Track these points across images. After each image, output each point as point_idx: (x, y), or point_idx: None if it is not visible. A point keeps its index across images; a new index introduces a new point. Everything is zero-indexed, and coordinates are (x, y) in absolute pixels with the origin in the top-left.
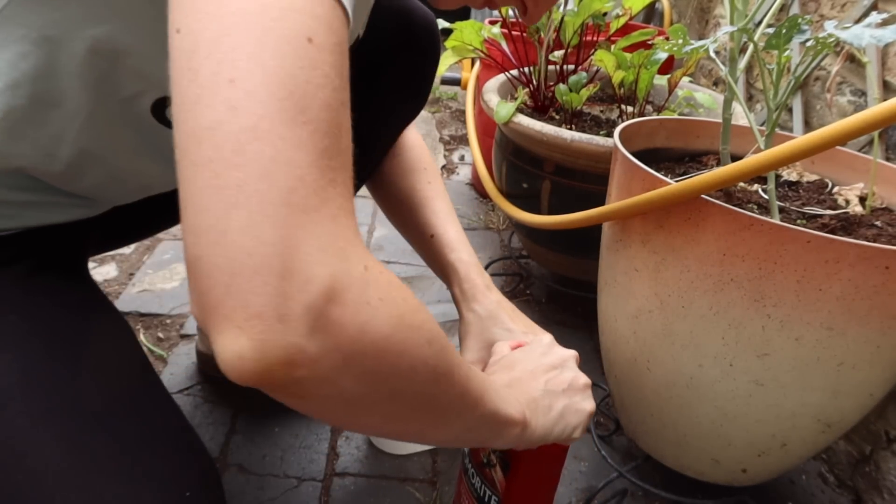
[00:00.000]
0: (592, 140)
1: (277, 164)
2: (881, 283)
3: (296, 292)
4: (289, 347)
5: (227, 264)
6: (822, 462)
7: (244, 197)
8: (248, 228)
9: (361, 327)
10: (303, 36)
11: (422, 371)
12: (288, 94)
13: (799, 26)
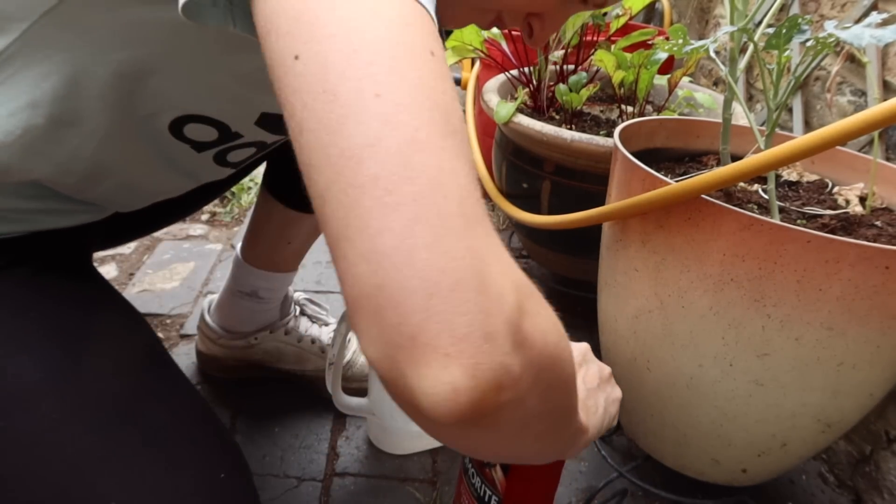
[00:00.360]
0: (592, 140)
1: (446, 175)
2: (881, 283)
3: (495, 308)
4: (497, 369)
5: (422, 285)
6: (822, 462)
7: (424, 211)
8: (436, 244)
9: (543, 338)
10: (426, 49)
11: (570, 379)
12: (434, 105)
13: (799, 26)
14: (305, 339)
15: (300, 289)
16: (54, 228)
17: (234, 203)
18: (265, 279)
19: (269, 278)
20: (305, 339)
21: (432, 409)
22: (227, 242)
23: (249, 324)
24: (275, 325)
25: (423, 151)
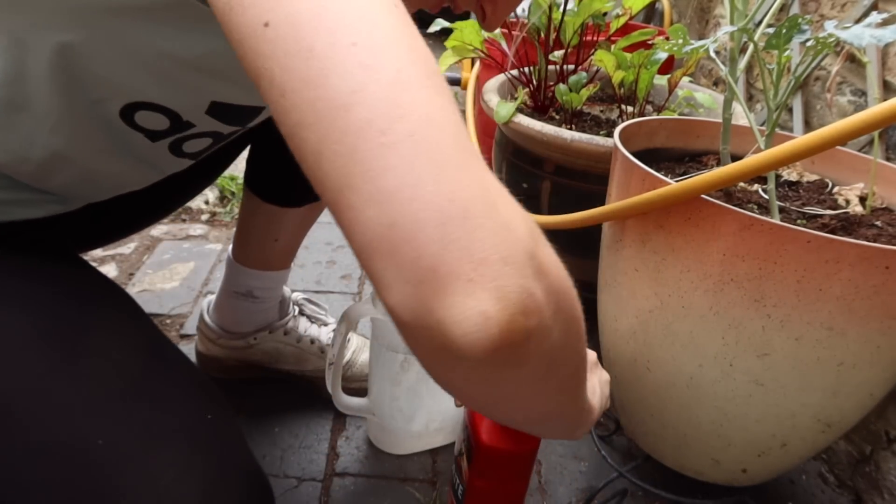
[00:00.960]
0: (592, 140)
1: (436, 109)
2: (881, 283)
3: (510, 233)
4: (521, 292)
5: (435, 216)
6: (822, 462)
7: (423, 146)
8: (441, 174)
9: (557, 268)
10: (391, 2)
11: (581, 317)
12: (410, 47)
13: (799, 26)
14: (305, 339)
15: (300, 289)
16: (29, 219)
17: (234, 203)
18: (258, 278)
19: (262, 277)
20: (305, 340)
21: (465, 340)
22: (227, 242)
23: (247, 324)
24: (273, 326)
25: (409, 90)
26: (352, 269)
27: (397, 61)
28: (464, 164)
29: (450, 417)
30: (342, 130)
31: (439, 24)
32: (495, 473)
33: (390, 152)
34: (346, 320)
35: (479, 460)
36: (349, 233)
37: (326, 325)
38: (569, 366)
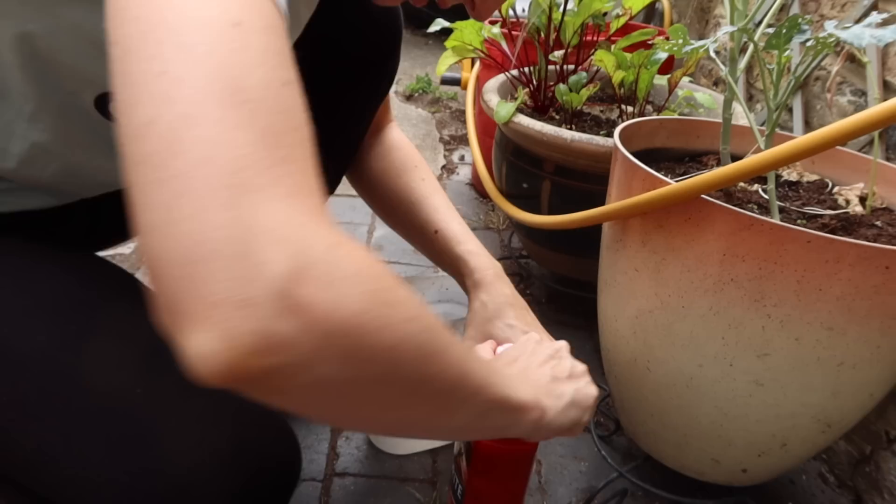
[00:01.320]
0: (592, 140)
1: (217, 147)
2: (881, 283)
3: (256, 274)
4: (258, 333)
5: (181, 256)
6: (822, 462)
7: (188, 185)
8: (196, 215)
9: (333, 304)
10: (228, 21)
11: (406, 350)
12: (220, 77)
13: (799, 26)
14: None
15: None
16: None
17: None
18: None
19: None
20: None
21: (200, 371)
22: None
23: None
24: None
25: (198, 125)
26: None
27: (196, 93)
28: (228, 203)
29: None
30: (133, 160)
31: (439, 24)
32: (494, 473)
33: (158, 189)
34: None
35: (478, 460)
36: None
37: None
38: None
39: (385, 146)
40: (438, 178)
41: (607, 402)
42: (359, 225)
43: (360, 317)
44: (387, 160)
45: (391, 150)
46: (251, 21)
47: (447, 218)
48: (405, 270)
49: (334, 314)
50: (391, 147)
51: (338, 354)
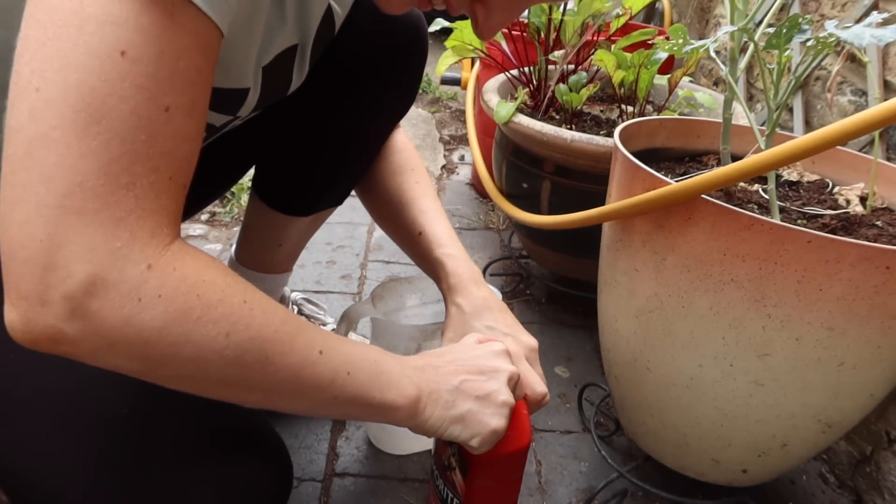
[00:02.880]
0: (592, 140)
1: (59, 170)
2: (882, 283)
3: (56, 283)
4: (49, 328)
5: (8, 251)
6: (822, 462)
7: (27, 197)
8: (24, 224)
9: (126, 319)
10: (114, 49)
11: (213, 360)
12: (84, 106)
13: (799, 26)
14: None
15: (299, 289)
16: None
17: (233, 203)
18: (260, 281)
19: (264, 280)
20: None
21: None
22: (227, 242)
23: None
24: None
25: (49, 147)
26: (352, 270)
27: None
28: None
29: None
30: (3, 152)
31: (439, 24)
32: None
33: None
34: (345, 320)
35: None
36: None
37: (325, 325)
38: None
39: (387, 146)
40: (438, 178)
41: (607, 402)
42: (359, 225)
43: (158, 332)
44: (385, 160)
45: (392, 151)
46: (141, 49)
47: (433, 221)
48: (405, 270)
49: (127, 328)
50: (392, 148)
51: (130, 356)
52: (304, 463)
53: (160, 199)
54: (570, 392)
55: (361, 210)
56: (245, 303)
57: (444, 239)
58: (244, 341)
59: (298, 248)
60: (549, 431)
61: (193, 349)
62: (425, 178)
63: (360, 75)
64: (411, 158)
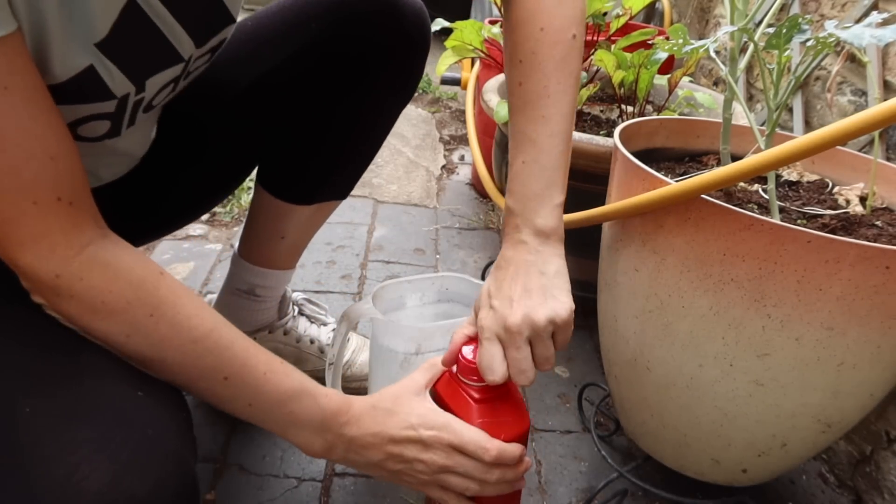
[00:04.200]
0: (592, 140)
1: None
2: (881, 283)
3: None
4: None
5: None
6: (822, 462)
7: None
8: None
9: (55, 307)
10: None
11: (119, 348)
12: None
13: (799, 26)
14: (304, 339)
15: (300, 289)
16: None
17: (234, 203)
18: (261, 276)
19: (266, 275)
20: (304, 340)
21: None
22: (227, 242)
23: (247, 324)
24: (273, 326)
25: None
26: (352, 270)
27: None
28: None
29: None
30: None
31: (439, 24)
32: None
33: None
34: (345, 320)
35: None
36: None
37: (326, 325)
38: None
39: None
40: (438, 178)
41: (607, 402)
42: (359, 225)
43: (73, 319)
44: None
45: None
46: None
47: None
48: (405, 270)
49: (58, 312)
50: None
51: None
52: (304, 463)
53: (43, 223)
54: (570, 392)
55: (361, 210)
56: (151, 316)
57: (513, 181)
58: (144, 347)
59: (301, 243)
60: (549, 431)
61: (100, 336)
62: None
63: (368, 63)
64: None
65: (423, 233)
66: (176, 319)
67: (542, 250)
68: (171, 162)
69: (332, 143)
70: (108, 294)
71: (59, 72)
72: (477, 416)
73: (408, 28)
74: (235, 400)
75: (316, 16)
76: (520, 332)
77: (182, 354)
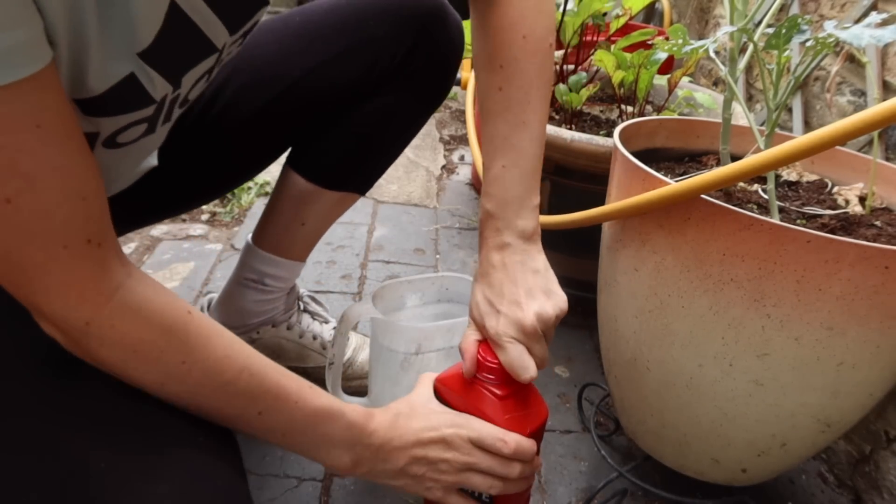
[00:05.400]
0: (592, 140)
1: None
2: (881, 283)
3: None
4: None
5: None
6: (821, 462)
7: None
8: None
9: (86, 354)
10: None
11: (154, 392)
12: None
13: (799, 26)
14: (307, 335)
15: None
16: None
17: (234, 203)
18: (274, 265)
19: (279, 264)
20: (307, 335)
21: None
22: (227, 242)
23: (253, 315)
24: (277, 320)
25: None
26: (352, 269)
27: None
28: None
29: None
30: None
31: None
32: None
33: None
34: (345, 320)
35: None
36: None
37: (328, 323)
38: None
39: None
40: (438, 178)
41: (607, 402)
42: (359, 225)
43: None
44: (482, 42)
45: (488, 31)
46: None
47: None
48: (405, 270)
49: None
50: (491, 26)
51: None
52: (305, 462)
53: (73, 269)
54: (570, 392)
55: (361, 210)
56: (183, 363)
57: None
58: (180, 392)
59: (316, 234)
60: (549, 431)
61: (135, 382)
62: (519, 80)
63: (414, 65)
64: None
65: (423, 233)
66: (207, 364)
67: (528, 249)
68: (206, 147)
69: (367, 135)
70: (140, 343)
71: (95, 85)
72: (503, 413)
73: (452, 37)
74: (271, 431)
75: (374, 15)
76: (535, 330)
77: (216, 398)
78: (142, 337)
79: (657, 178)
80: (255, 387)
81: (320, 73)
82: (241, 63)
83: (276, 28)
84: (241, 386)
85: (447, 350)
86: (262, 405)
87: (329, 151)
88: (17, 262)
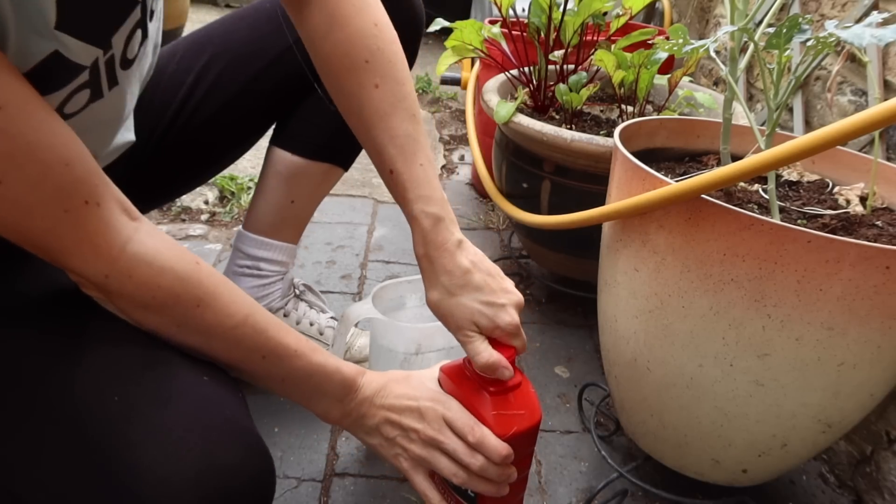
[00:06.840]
0: (592, 140)
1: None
2: (882, 283)
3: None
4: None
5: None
6: (822, 462)
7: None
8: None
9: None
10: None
11: (169, 336)
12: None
13: (799, 26)
14: (304, 321)
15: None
16: None
17: (233, 203)
18: (266, 248)
19: (271, 247)
20: (304, 322)
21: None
22: (227, 242)
23: None
24: (274, 307)
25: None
26: (352, 269)
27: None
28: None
29: None
30: None
31: (439, 24)
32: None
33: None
34: (345, 320)
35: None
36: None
37: (325, 312)
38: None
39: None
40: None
41: (607, 402)
42: (359, 225)
43: (125, 313)
44: (328, 42)
45: (333, 27)
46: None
47: (405, 154)
48: (405, 270)
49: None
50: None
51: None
52: (304, 463)
53: (79, 229)
54: (570, 392)
55: (361, 210)
56: (197, 307)
57: (416, 185)
58: (194, 336)
59: (306, 214)
60: (549, 431)
61: (152, 328)
62: (390, 74)
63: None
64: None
65: None
66: (218, 308)
67: (468, 240)
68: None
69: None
70: (157, 290)
71: (18, 63)
72: (491, 408)
73: (414, 3)
74: (271, 377)
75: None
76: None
77: (226, 340)
78: (158, 283)
79: (657, 178)
80: (260, 332)
81: (295, 50)
82: (218, 49)
83: (246, 15)
84: (248, 330)
85: (447, 350)
86: (265, 350)
87: (310, 121)
88: (29, 234)
